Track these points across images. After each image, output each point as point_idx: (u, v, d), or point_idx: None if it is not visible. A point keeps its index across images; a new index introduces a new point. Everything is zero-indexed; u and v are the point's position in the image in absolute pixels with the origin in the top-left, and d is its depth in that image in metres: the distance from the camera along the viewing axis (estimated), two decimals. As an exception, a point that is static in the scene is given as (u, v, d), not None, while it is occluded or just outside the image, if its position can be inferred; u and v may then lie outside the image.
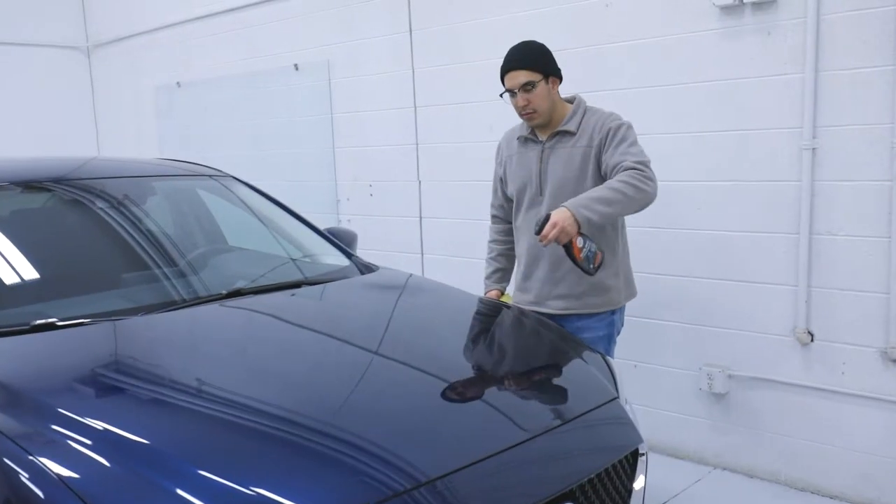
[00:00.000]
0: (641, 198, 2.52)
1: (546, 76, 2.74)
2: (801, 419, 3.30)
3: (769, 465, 3.42)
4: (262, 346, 2.30)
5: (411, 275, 3.11)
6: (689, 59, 3.36)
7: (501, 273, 3.09)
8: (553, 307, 2.82)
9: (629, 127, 2.73)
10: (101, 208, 2.90)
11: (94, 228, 2.89)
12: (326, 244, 3.27)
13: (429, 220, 4.50)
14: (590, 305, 2.79)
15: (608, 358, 2.51)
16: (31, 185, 2.86)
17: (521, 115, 2.81)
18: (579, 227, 2.42)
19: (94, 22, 6.77)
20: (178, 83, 5.98)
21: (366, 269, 3.08)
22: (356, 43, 4.66)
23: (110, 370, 2.07)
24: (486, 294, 3.05)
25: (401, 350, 2.32)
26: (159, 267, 2.79)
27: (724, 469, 3.54)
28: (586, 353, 2.46)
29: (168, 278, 2.76)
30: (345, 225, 4.83)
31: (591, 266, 2.47)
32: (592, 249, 2.45)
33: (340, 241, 3.35)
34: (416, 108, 4.42)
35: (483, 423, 1.95)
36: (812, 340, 3.21)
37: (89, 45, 6.84)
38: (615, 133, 2.69)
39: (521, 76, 2.73)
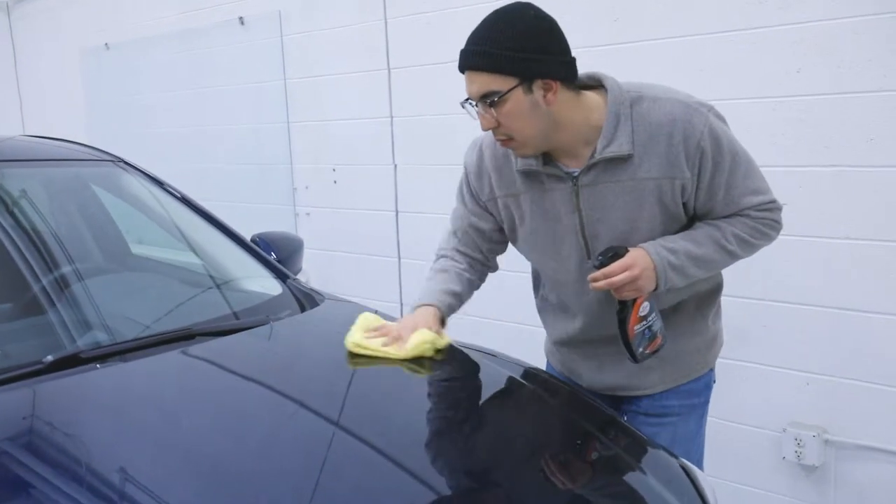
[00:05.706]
0: (752, 254, 1.76)
1: (529, 80, 1.54)
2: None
3: (885, 569, 2.66)
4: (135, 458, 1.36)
5: (376, 312, 2.15)
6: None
7: (453, 298, 1.85)
8: (640, 388, 1.85)
9: (727, 132, 1.64)
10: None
11: None
12: (254, 262, 2.40)
13: (407, 214, 3.95)
14: (691, 369, 1.87)
15: (692, 469, 1.60)
16: None
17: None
18: (655, 288, 1.65)
19: (12, -28, 6.33)
20: (106, 44, 5.47)
21: (306, 299, 2.24)
22: (314, -12, 4.10)
23: None
24: (415, 308, 1.85)
25: (374, 445, 1.46)
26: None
27: (817, 568, 2.82)
28: (663, 467, 1.57)
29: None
30: (303, 220, 4.28)
31: (642, 350, 1.68)
32: (654, 329, 1.69)
33: (278, 252, 2.51)
34: (389, 69, 3.87)
35: None
36: (958, 399, 2.47)
37: (8, 2, 6.32)
38: (717, 157, 1.61)
39: (477, 81, 1.59)
